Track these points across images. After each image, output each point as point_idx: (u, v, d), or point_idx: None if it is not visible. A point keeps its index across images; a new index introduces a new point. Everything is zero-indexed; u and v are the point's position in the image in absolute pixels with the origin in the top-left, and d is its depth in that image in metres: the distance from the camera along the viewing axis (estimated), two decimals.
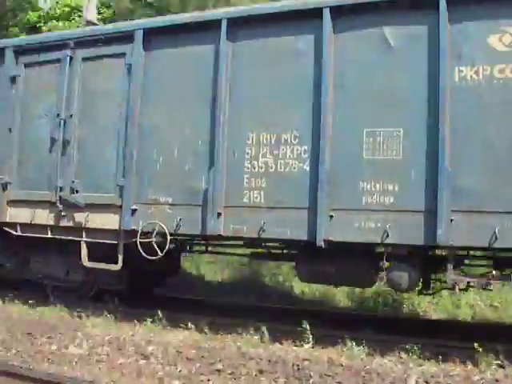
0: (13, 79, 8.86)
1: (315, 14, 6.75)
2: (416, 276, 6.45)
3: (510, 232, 5.73)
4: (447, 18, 6.13)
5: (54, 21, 18.86)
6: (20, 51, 8.91)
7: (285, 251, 8.30)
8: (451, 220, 5.94)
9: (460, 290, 6.42)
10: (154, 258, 7.46)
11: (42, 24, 19.16)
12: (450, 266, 6.09)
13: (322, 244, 6.49)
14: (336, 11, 6.69)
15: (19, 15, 19.70)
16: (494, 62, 5.96)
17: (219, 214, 7.12)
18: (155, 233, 7.45)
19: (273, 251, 8.42)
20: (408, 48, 6.38)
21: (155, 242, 7.46)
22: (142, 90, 7.85)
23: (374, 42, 6.55)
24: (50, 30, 16.65)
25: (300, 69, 6.88)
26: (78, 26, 16.60)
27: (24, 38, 9.77)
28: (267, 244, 8.26)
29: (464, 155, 6.01)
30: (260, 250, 8.56)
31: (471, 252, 7.15)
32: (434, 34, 6.21)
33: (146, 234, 7.54)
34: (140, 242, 7.50)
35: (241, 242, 8.33)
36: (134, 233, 7.62)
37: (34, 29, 18.72)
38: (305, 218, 6.64)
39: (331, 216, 6.50)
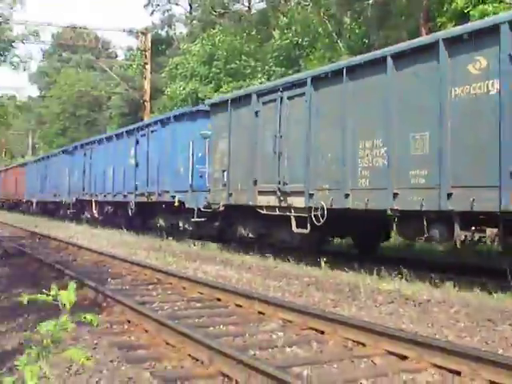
0: (256, 113, 13.97)
1: (382, 60, 10.14)
2: (444, 233, 9.33)
3: (481, 200, 8.43)
4: (446, 54, 8.99)
5: (482, 5, 17.38)
6: (259, 94, 13.97)
7: None
8: (451, 193, 8.84)
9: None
10: (319, 224, 11.66)
11: (470, 9, 17.76)
12: (456, 226, 8.93)
13: (389, 212, 9.93)
14: (395, 57, 9.97)
15: (445, 5, 19.56)
16: (470, 82, 8.64)
17: (347, 195, 10.98)
18: (320, 208, 11.66)
19: None
20: (427, 77, 9.35)
21: (320, 215, 11.67)
22: (313, 119, 12.07)
23: (412, 75, 9.65)
24: (480, 17, 15.70)
25: (379, 98, 10.32)
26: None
27: (259, 86, 14.72)
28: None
29: (457, 150, 8.83)
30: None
31: None
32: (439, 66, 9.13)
33: (316, 210, 11.79)
34: (314, 215, 11.82)
35: None
36: (310, 209, 11.94)
37: (462, 15, 17.99)
38: (384, 195, 10.11)
39: (396, 193, 9.86)
